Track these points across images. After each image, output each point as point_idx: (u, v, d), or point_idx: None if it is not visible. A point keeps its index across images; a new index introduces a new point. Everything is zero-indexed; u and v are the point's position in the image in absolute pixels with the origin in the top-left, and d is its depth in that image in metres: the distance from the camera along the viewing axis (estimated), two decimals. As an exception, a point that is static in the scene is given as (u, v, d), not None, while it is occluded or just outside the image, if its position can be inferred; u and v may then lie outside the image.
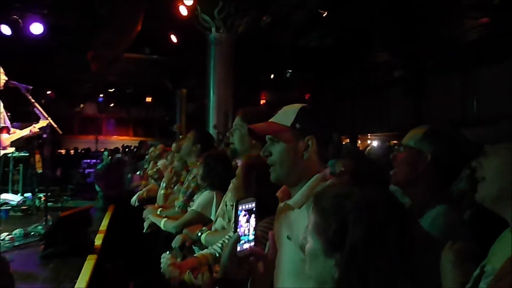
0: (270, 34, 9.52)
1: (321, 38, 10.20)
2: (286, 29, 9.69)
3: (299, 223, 1.40)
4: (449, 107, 10.45)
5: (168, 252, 2.41)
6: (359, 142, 13.69)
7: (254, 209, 1.24)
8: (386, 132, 12.74)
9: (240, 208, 1.20)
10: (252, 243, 1.24)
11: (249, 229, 1.23)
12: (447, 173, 1.66)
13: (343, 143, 7.28)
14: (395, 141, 10.73)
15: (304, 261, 1.12)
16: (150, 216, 3.57)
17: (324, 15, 8.52)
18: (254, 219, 1.25)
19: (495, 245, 1.29)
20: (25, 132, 4.86)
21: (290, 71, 13.78)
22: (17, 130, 4.83)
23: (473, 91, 9.93)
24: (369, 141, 13.26)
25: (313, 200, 1.11)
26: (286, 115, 1.56)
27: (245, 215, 1.22)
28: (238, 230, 1.20)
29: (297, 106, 1.57)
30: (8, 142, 4.67)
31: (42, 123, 4.86)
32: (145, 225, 3.57)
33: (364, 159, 3.14)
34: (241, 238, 1.20)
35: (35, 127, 4.94)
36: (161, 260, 2.29)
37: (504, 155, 1.21)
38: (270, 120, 1.60)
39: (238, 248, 1.20)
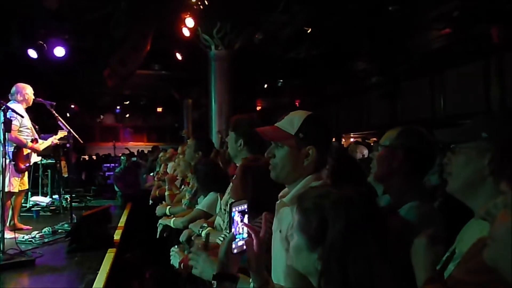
0: (263, 48, 9.50)
1: (308, 50, 10.19)
2: (276, 44, 9.67)
3: (287, 219, 1.37)
4: (420, 107, 10.47)
5: (176, 246, 2.38)
6: (343, 140, 13.70)
7: (246, 209, 1.23)
8: (366, 131, 12.75)
9: (234, 209, 1.19)
10: (245, 240, 1.22)
11: (243, 228, 1.22)
12: (418, 167, 1.64)
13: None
14: (374, 138, 10.75)
15: (287, 252, 1.12)
16: (160, 221, 3.53)
17: (308, 31, 8.51)
18: (247, 218, 1.23)
19: (463, 232, 1.27)
20: (49, 142, 4.83)
21: (281, 80, 13.76)
22: (43, 141, 4.82)
23: (440, 93, 9.94)
24: (351, 139, 13.25)
25: (296, 200, 1.09)
26: (291, 122, 1.49)
27: (239, 216, 1.21)
28: (233, 229, 1.18)
29: (302, 115, 1.50)
30: (40, 150, 4.66)
31: (61, 134, 4.86)
32: (158, 231, 3.52)
33: (345, 157, 3.11)
34: (236, 236, 1.19)
35: (56, 138, 4.92)
36: (171, 253, 2.27)
37: (467, 153, 1.19)
38: (276, 125, 1.53)
39: (233, 246, 1.18)
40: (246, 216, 1.23)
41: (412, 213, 1.51)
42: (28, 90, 4.51)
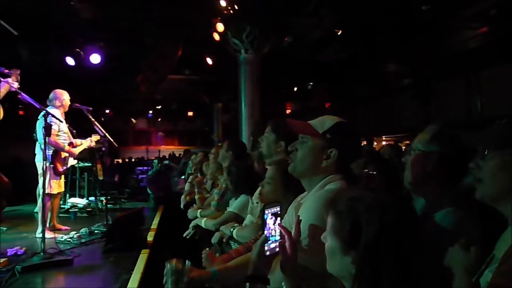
0: (292, 51, 9.48)
1: (337, 53, 10.08)
2: (305, 47, 9.63)
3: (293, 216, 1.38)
4: (455, 109, 10.14)
5: (207, 248, 2.41)
6: (375, 143, 13.45)
7: (279, 212, 1.23)
8: (398, 133, 12.45)
9: (266, 212, 1.19)
10: (278, 243, 1.22)
11: (275, 231, 1.21)
12: (454, 172, 1.57)
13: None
14: (407, 142, 10.49)
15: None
16: (193, 223, 3.58)
17: (338, 33, 8.43)
18: (280, 221, 1.23)
19: (501, 238, 1.23)
20: (84, 146, 4.99)
21: (310, 83, 13.68)
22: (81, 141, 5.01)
23: (476, 93, 9.60)
24: (383, 142, 12.99)
25: (329, 203, 1.09)
26: (323, 123, 1.52)
27: (271, 218, 1.21)
28: (265, 231, 1.18)
29: (335, 119, 1.53)
30: (76, 154, 4.83)
31: (94, 138, 5.02)
32: (189, 231, 3.58)
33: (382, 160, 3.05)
34: (269, 238, 1.19)
35: (92, 141, 5.08)
36: (202, 256, 2.30)
37: (499, 159, 1.15)
38: (308, 122, 1.56)
39: (266, 248, 1.18)
40: (279, 219, 1.23)
41: (448, 219, 1.47)
42: (65, 96, 4.68)
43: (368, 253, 0.95)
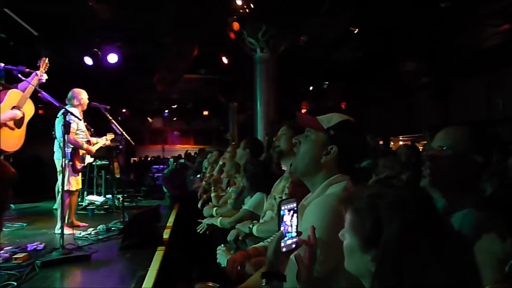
0: (308, 50, 9.45)
1: (353, 52, 10.00)
2: (321, 46, 9.58)
3: (306, 220, 1.38)
4: (475, 108, 9.95)
5: (223, 245, 2.42)
6: (391, 143, 13.29)
7: (295, 208, 1.22)
8: (415, 133, 12.29)
9: (283, 208, 1.18)
10: (295, 239, 1.22)
11: (291, 227, 1.21)
12: (477, 171, 1.49)
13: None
14: (424, 141, 10.33)
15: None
16: (206, 220, 3.60)
17: (355, 32, 8.36)
18: (296, 217, 1.22)
19: None
20: (101, 143, 5.08)
21: (326, 82, 13.60)
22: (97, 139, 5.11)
23: (497, 92, 9.40)
24: (400, 142, 12.83)
25: (348, 200, 1.07)
26: (329, 119, 1.53)
27: (288, 214, 1.20)
28: (282, 227, 1.18)
29: (342, 117, 1.54)
30: (94, 151, 4.92)
31: (109, 136, 5.10)
32: (203, 227, 3.61)
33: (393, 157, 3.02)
34: (286, 235, 1.19)
35: (108, 139, 5.16)
36: (217, 252, 2.31)
37: None
38: (317, 117, 1.56)
39: (282, 244, 1.18)
40: (296, 215, 1.22)
41: (468, 220, 1.42)
42: (83, 95, 4.76)
43: (388, 251, 0.93)
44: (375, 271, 0.96)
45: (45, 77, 3.90)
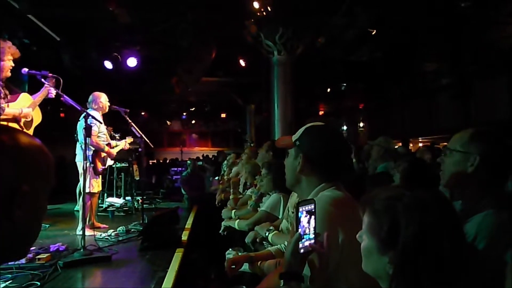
0: (325, 52, 9.40)
1: (371, 52, 9.89)
2: (338, 47, 9.52)
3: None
4: (497, 108, 9.71)
5: (231, 249, 2.43)
6: (411, 145, 13.09)
7: (313, 210, 1.22)
8: (435, 135, 12.06)
9: (300, 209, 1.19)
10: (313, 241, 1.22)
11: (309, 228, 1.21)
12: (496, 173, 1.49)
13: (396, 147, 6.98)
14: (445, 143, 10.14)
15: None
16: (224, 222, 3.63)
17: (373, 33, 8.28)
18: (314, 219, 1.22)
19: None
20: (121, 146, 5.16)
21: (344, 83, 13.50)
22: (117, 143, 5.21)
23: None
24: (420, 144, 12.63)
25: (366, 202, 1.07)
26: (298, 132, 1.59)
27: (306, 216, 1.20)
28: (299, 229, 1.18)
29: (307, 125, 1.59)
30: (114, 154, 5.00)
31: (129, 140, 5.19)
32: (221, 230, 3.63)
33: (416, 161, 2.97)
34: (303, 236, 1.19)
35: (127, 143, 5.24)
36: (227, 256, 2.33)
37: None
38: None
39: (300, 245, 1.18)
40: (313, 217, 1.22)
41: (487, 222, 1.39)
42: (103, 99, 4.82)
43: (406, 254, 0.92)
44: (392, 273, 0.95)
45: (53, 92, 3.95)
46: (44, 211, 0.86)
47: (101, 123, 4.66)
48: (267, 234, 2.64)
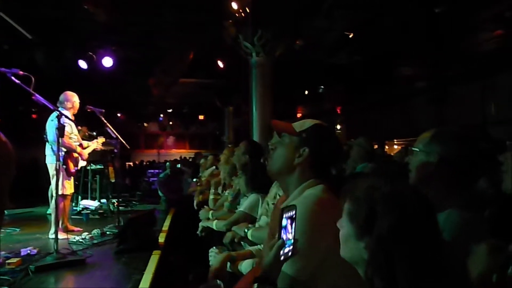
0: (304, 54, 9.48)
1: (350, 56, 10.03)
2: (317, 50, 9.62)
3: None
4: (470, 113, 10.02)
5: (215, 247, 2.43)
6: (386, 147, 13.36)
7: (294, 216, 1.21)
8: (411, 137, 12.32)
9: (284, 215, 1.18)
10: (292, 247, 1.21)
11: (291, 234, 1.20)
12: (459, 173, 1.50)
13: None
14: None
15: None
16: (202, 223, 3.60)
17: (350, 36, 8.40)
18: (294, 225, 1.21)
19: None
20: (92, 147, 5.05)
21: (322, 86, 13.64)
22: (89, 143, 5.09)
23: (491, 97, 9.48)
24: (395, 146, 12.88)
25: (347, 191, 1.10)
26: (303, 124, 1.57)
27: (288, 222, 1.19)
28: (282, 235, 1.17)
29: (315, 121, 1.59)
30: (86, 155, 4.88)
31: (100, 140, 5.10)
32: (199, 230, 3.60)
33: (391, 162, 3.04)
34: (286, 242, 1.18)
35: (99, 143, 5.14)
36: (210, 254, 2.32)
37: None
38: (292, 123, 1.60)
39: (281, 252, 1.17)
40: (294, 223, 1.21)
41: (451, 219, 1.41)
42: (75, 98, 4.68)
43: (381, 241, 0.96)
44: (368, 258, 0.99)
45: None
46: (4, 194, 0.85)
47: (74, 123, 4.55)
48: (246, 231, 2.64)
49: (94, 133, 5.51)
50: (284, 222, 1.18)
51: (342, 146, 1.67)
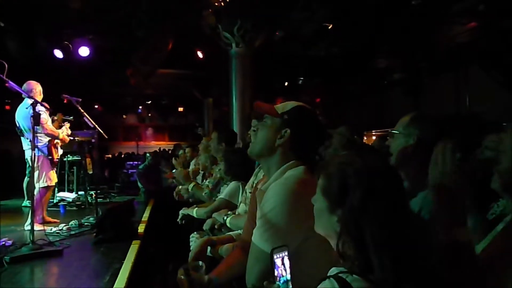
0: (283, 46, 9.47)
1: (328, 48, 10.08)
2: (297, 41, 9.63)
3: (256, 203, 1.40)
4: (444, 104, 10.26)
5: (196, 232, 2.42)
6: (365, 138, 13.53)
7: (287, 254, 1.18)
8: (388, 128, 12.51)
9: (275, 256, 1.15)
10: (289, 283, 1.18)
11: (285, 270, 1.18)
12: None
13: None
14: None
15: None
16: (182, 210, 3.58)
17: (329, 27, 8.44)
18: (289, 261, 1.18)
19: None
20: (64, 133, 4.92)
21: (302, 78, 13.69)
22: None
23: (464, 89, 9.72)
24: (373, 137, 13.08)
25: (321, 167, 1.13)
26: (285, 106, 1.59)
27: (280, 261, 1.15)
28: (275, 272, 1.14)
29: (298, 104, 1.59)
30: (68, 138, 4.76)
31: (67, 124, 5.04)
32: (179, 218, 3.57)
33: (368, 149, 3.09)
34: (280, 279, 1.16)
35: (67, 128, 5.04)
36: (190, 239, 2.31)
37: None
38: (275, 105, 1.61)
39: None
40: (287, 260, 1.19)
41: (429, 199, 1.45)
42: (39, 87, 4.48)
43: (353, 214, 1.00)
44: (340, 231, 1.02)
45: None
46: None
47: (49, 110, 4.41)
48: (225, 218, 2.64)
49: (71, 117, 5.36)
50: (277, 262, 1.15)
51: (324, 128, 1.67)
